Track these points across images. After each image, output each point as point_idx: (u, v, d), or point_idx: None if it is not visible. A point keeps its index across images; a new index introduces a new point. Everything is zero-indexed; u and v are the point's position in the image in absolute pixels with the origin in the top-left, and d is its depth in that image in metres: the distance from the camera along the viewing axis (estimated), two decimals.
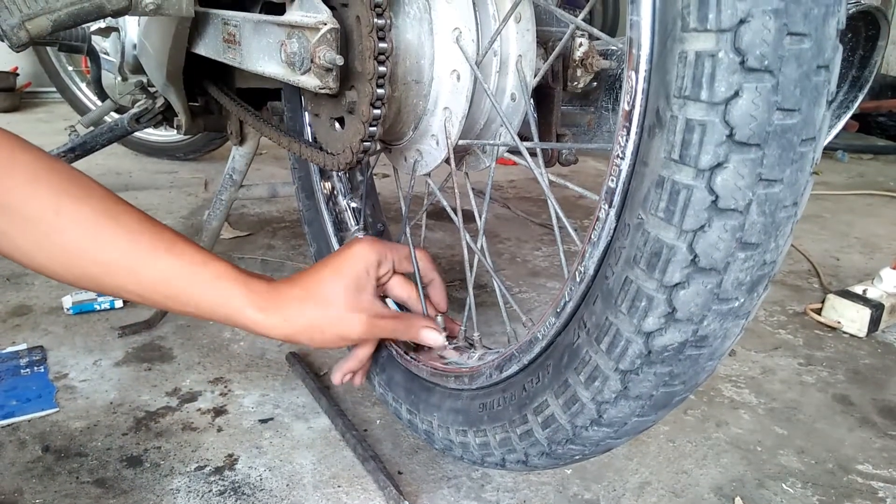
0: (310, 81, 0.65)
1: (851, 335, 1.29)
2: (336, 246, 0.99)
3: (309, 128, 0.99)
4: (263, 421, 0.97)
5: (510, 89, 0.70)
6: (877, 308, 1.26)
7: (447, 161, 0.72)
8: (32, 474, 0.84)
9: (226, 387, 1.05)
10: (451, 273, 1.50)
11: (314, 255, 1.05)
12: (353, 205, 1.01)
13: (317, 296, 0.71)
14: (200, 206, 1.91)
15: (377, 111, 0.62)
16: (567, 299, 0.54)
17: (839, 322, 1.29)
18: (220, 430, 0.95)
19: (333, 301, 0.71)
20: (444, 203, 0.81)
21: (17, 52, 0.83)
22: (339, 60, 0.61)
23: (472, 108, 0.69)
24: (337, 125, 0.71)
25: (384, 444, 0.93)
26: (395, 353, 0.84)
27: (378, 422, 0.98)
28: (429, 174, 0.76)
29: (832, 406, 1.06)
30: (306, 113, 0.98)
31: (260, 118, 0.91)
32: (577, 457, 0.57)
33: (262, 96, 1.14)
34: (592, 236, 0.51)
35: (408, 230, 0.85)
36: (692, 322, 0.44)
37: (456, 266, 1.54)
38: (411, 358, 0.81)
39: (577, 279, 0.53)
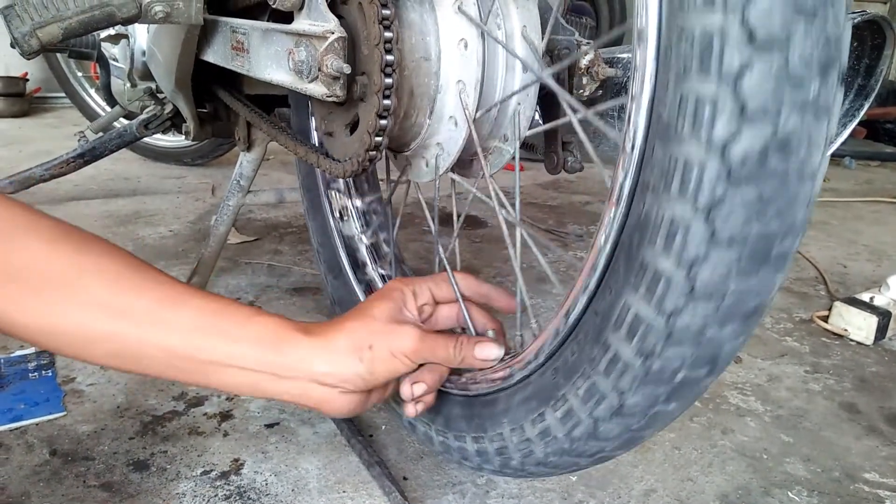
0: (317, 89, 0.65)
1: (858, 343, 1.28)
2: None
3: (315, 133, 1.00)
4: (269, 426, 0.98)
5: (503, 131, 0.70)
6: (884, 316, 1.25)
7: (470, 142, 0.71)
8: (40, 478, 0.84)
9: None
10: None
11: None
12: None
13: (356, 314, 0.67)
14: (208, 211, 1.92)
15: (387, 100, 0.62)
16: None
17: (846, 330, 1.29)
18: (226, 434, 0.95)
19: (376, 316, 0.65)
20: (478, 194, 0.81)
21: (29, 59, 0.84)
22: (347, 69, 0.61)
23: (486, 81, 0.67)
24: (346, 133, 0.72)
25: (389, 449, 0.93)
26: None
27: (383, 427, 0.98)
28: (452, 171, 0.75)
29: (839, 414, 1.06)
30: (312, 118, 0.99)
31: (274, 124, 0.92)
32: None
33: (270, 103, 1.15)
34: None
35: (439, 246, 0.86)
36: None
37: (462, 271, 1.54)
38: None
39: None
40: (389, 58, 0.60)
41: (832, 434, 1.00)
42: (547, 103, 0.74)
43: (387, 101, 0.61)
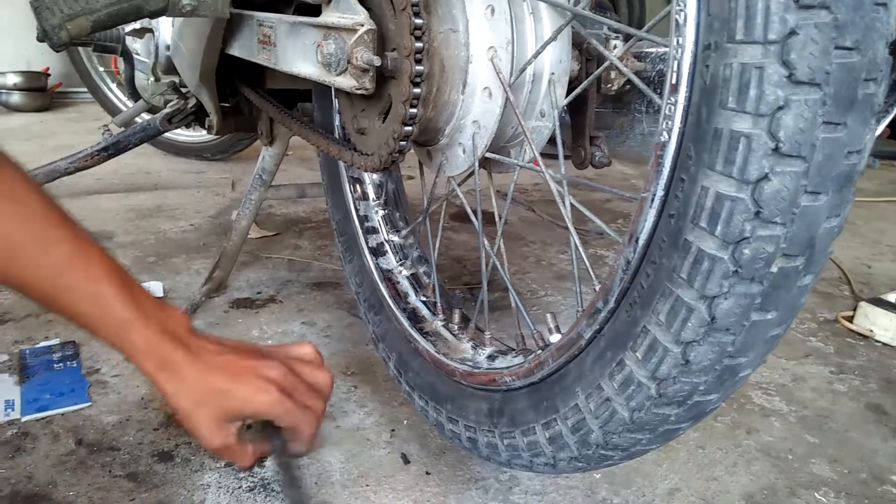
0: (346, 82, 0.65)
1: (884, 343, 1.27)
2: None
3: (340, 129, 1.00)
4: None
5: (539, 106, 0.70)
6: None
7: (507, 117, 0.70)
8: (66, 467, 0.85)
9: None
10: (476, 275, 1.50)
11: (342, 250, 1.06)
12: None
13: (237, 351, 0.64)
14: (228, 205, 1.93)
15: (417, 89, 0.62)
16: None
17: (871, 330, 1.27)
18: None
19: (222, 407, 0.62)
20: (466, 206, 0.81)
21: (58, 51, 0.85)
22: (377, 61, 0.61)
23: (517, 40, 0.66)
24: (378, 122, 0.72)
25: (411, 444, 0.93)
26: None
27: (405, 422, 0.98)
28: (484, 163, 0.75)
29: (865, 415, 1.04)
30: (336, 114, 0.99)
31: (300, 120, 0.92)
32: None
33: (293, 97, 1.15)
34: None
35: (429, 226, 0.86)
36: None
37: (469, 267, 1.54)
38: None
39: None
40: (418, 21, 0.60)
41: (858, 435, 0.99)
42: (574, 99, 0.73)
43: (419, 67, 0.61)
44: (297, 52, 0.75)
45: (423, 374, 0.83)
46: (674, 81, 0.46)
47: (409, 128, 0.64)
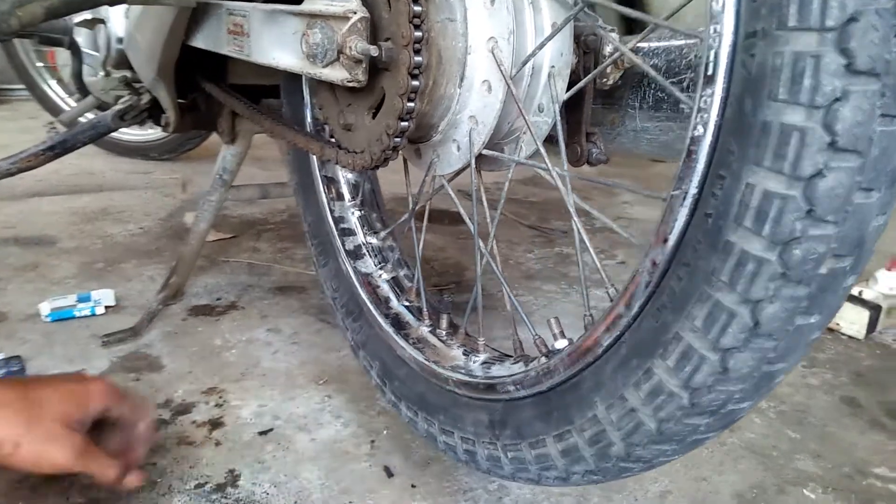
0: (335, 74, 0.60)
1: (850, 337, 1.28)
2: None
3: (312, 125, 0.94)
4: (263, 433, 0.92)
5: (538, 101, 0.66)
6: (875, 309, 1.26)
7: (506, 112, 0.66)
8: (18, 495, 0.77)
9: (221, 397, 0.99)
10: (444, 276, 1.46)
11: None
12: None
13: (29, 397, 0.66)
14: (179, 207, 1.83)
15: (415, 82, 0.57)
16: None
17: (838, 324, 1.29)
18: (218, 443, 0.89)
19: (47, 410, 0.66)
20: (458, 205, 0.77)
21: (2, 41, 0.77)
22: (374, 51, 0.56)
23: (518, 31, 0.63)
24: (369, 118, 0.67)
25: (394, 455, 0.88)
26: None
27: (385, 432, 0.93)
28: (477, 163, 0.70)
29: (840, 409, 1.05)
30: (308, 109, 0.94)
31: (273, 116, 0.86)
32: None
33: (257, 93, 1.09)
34: None
35: (413, 224, 0.81)
36: None
37: (450, 269, 1.50)
38: None
39: None
40: (417, 8, 0.55)
41: (837, 429, 0.99)
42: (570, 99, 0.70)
43: (418, 58, 0.56)
44: (274, 43, 0.69)
45: (410, 384, 0.78)
46: (709, 72, 0.42)
47: (406, 123, 0.59)
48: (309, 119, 0.93)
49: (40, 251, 1.49)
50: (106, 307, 1.23)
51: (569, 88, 0.68)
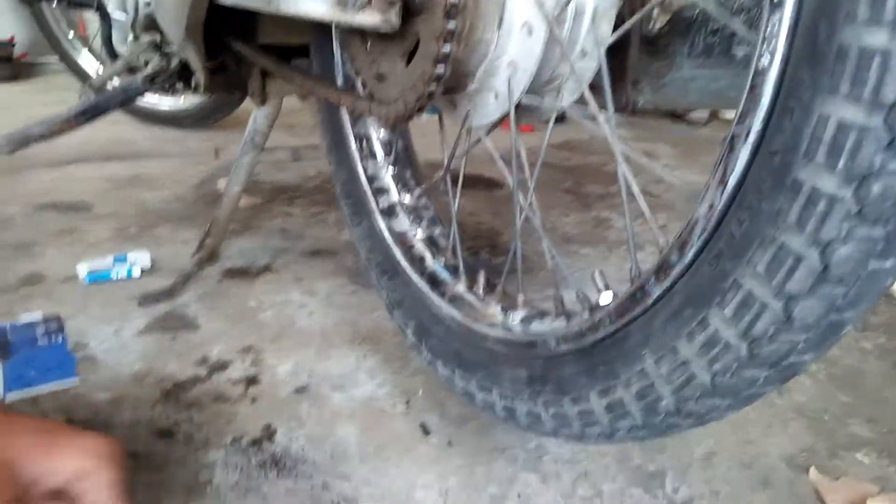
0: (368, 19, 0.58)
1: None
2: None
3: (344, 81, 0.91)
4: (299, 391, 0.91)
5: (580, 45, 0.63)
6: None
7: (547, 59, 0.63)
8: None
9: (257, 356, 0.99)
10: (478, 240, 1.43)
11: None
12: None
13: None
14: (212, 174, 1.83)
15: (452, 23, 0.54)
16: None
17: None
18: (254, 400, 0.89)
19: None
20: (496, 157, 0.74)
21: (32, 3, 0.75)
22: None
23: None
24: (402, 65, 0.64)
25: (429, 414, 0.87)
26: None
27: (420, 391, 0.92)
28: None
29: (894, 374, 1.00)
30: (339, 66, 0.91)
31: (305, 73, 0.83)
32: None
33: (286, 53, 1.06)
34: None
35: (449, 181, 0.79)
36: None
37: (483, 234, 1.47)
38: None
39: None
40: None
41: (891, 394, 0.95)
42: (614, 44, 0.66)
43: None
44: None
45: (447, 342, 0.76)
46: None
47: (441, 68, 0.56)
48: (340, 76, 0.91)
49: (76, 216, 1.50)
50: (142, 270, 1.23)
51: (613, 32, 0.64)
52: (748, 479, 0.78)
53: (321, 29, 0.91)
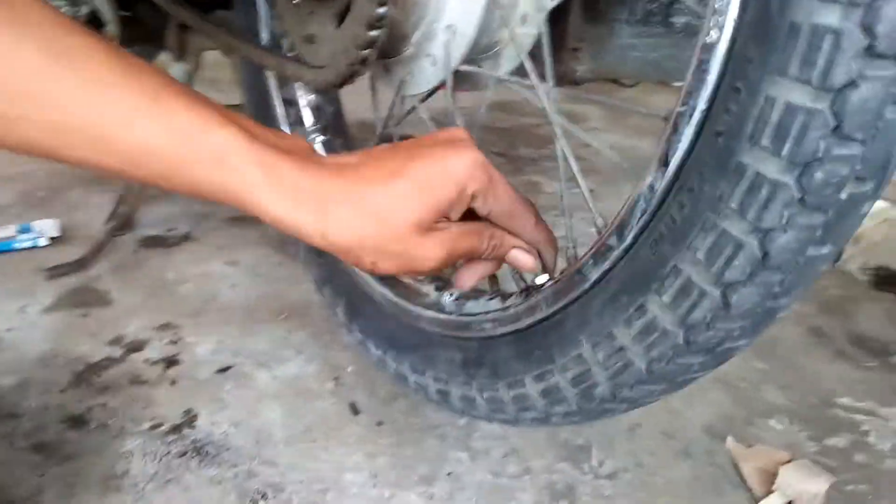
0: None
1: None
2: None
3: (269, 39, 0.85)
4: (222, 371, 0.87)
5: (520, 10, 0.59)
6: None
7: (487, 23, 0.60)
8: None
9: (175, 333, 0.93)
10: None
11: None
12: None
13: (377, 203, 0.46)
14: None
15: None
16: None
17: None
18: (173, 382, 0.84)
19: (399, 220, 0.46)
20: (431, 129, 0.70)
21: None
22: None
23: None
24: (333, 25, 0.59)
25: (358, 392, 0.84)
26: None
27: (349, 368, 0.89)
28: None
29: (807, 339, 1.04)
30: (264, 23, 0.84)
31: (231, 30, 0.76)
32: None
33: (206, 5, 0.98)
34: None
35: None
36: None
37: None
38: None
39: None
40: None
41: (804, 359, 0.98)
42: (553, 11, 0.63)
43: None
44: None
45: (378, 321, 0.73)
46: None
47: (376, 32, 0.52)
48: (265, 34, 0.84)
49: None
50: (50, 238, 1.15)
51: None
52: (670, 450, 0.79)
53: None
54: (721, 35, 0.37)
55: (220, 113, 0.44)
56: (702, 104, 0.39)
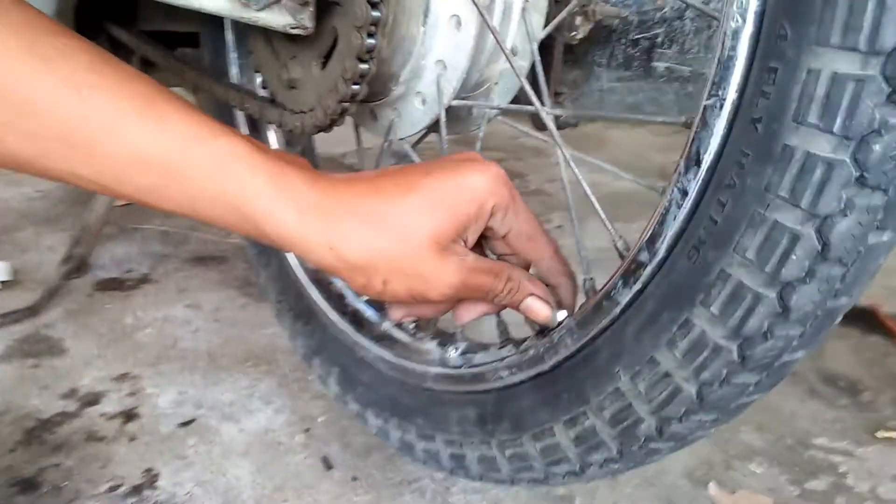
0: (275, 19, 0.50)
1: None
2: None
3: (238, 78, 0.81)
4: (185, 424, 0.81)
5: (510, 42, 0.58)
6: None
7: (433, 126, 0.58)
8: None
9: (134, 384, 0.87)
10: None
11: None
12: None
13: (392, 216, 0.42)
14: None
15: (376, 12, 0.47)
16: None
17: None
18: (132, 438, 0.78)
19: (416, 235, 0.42)
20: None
21: None
22: None
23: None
24: (318, 67, 0.56)
25: (331, 444, 0.80)
26: None
27: (321, 419, 0.84)
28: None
29: None
30: (233, 63, 0.81)
31: (205, 70, 0.73)
32: None
33: (171, 41, 0.95)
34: None
35: None
36: None
37: None
38: None
39: None
40: None
41: (778, 399, 0.97)
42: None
43: None
44: None
45: (378, 388, 0.66)
46: None
47: (366, 65, 0.49)
48: (235, 71, 0.81)
49: None
50: (0, 282, 1.08)
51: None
52: (654, 498, 0.76)
53: (214, 18, 0.81)
54: (744, 19, 0.35)
55: (219, 123, 0.41)
56: (732, 93, 0.36)
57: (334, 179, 0.43)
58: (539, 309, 0.49)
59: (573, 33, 0.60)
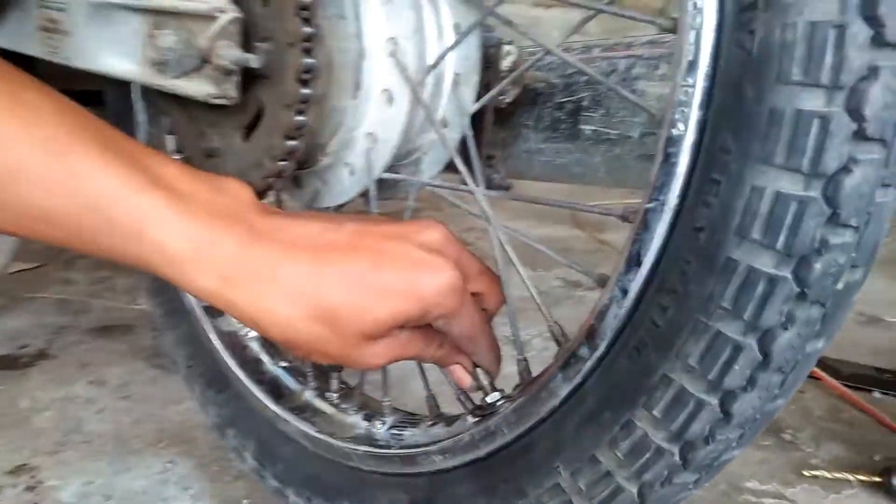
0: (196, 88, 0.46)
1: None
2: None
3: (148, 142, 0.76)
4: None
5: (441, 115, 0.57)
6: None
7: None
8: None
9: (33, 476, 0.77)
10: None
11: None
12: None
13: (328, 301, 0.39)
14: None
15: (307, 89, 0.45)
16: None
17: None
18: None
19: (350, 324, 0.40)
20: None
21: None
22: (254, 61, 0.44)
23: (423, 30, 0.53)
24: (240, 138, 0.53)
25: None
26: None
27: (244, 502, 0.78)
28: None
29: None
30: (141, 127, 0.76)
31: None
32: None
33: (72, 98, 0.89)
34: None
35: None
36: None
37: None
38: None
39: None
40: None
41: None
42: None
43: (309, 60, 0.44)
44: (106, 45, 0.53)
45: (299, 464, 0.62)
46: (690, 58, 0.35)
47: (294, 142, 0.46)
48: (143, 135, 0.76)
49: None
50: None
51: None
52: None
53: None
54: (686, 127, 0.35)
55: (143, 170, 0.37)
56: (673, 199, 0.37)
57: (271, 239, 0.40)
58: (460, 376, 0.49)
59: (502, 97, 0.60)
